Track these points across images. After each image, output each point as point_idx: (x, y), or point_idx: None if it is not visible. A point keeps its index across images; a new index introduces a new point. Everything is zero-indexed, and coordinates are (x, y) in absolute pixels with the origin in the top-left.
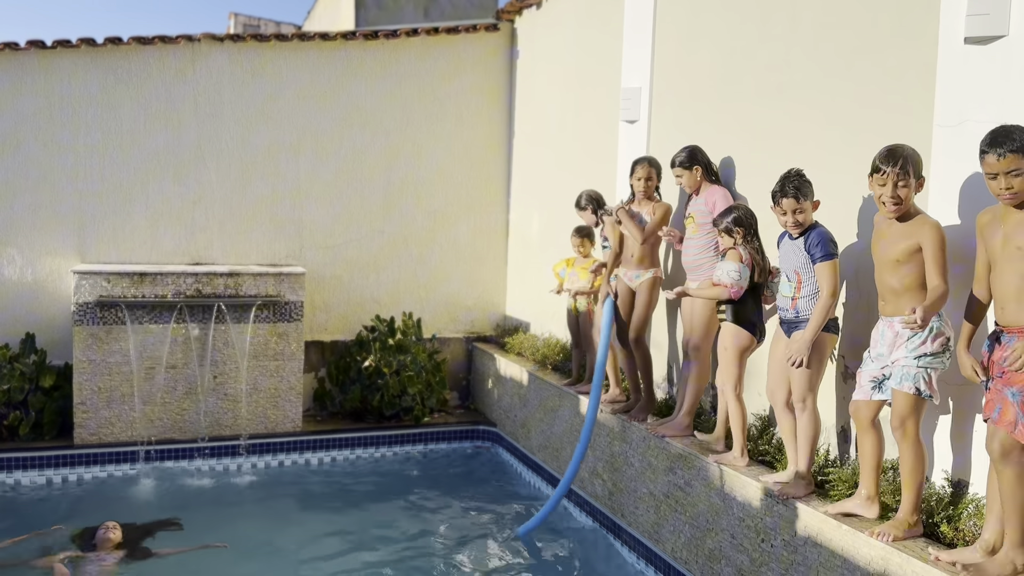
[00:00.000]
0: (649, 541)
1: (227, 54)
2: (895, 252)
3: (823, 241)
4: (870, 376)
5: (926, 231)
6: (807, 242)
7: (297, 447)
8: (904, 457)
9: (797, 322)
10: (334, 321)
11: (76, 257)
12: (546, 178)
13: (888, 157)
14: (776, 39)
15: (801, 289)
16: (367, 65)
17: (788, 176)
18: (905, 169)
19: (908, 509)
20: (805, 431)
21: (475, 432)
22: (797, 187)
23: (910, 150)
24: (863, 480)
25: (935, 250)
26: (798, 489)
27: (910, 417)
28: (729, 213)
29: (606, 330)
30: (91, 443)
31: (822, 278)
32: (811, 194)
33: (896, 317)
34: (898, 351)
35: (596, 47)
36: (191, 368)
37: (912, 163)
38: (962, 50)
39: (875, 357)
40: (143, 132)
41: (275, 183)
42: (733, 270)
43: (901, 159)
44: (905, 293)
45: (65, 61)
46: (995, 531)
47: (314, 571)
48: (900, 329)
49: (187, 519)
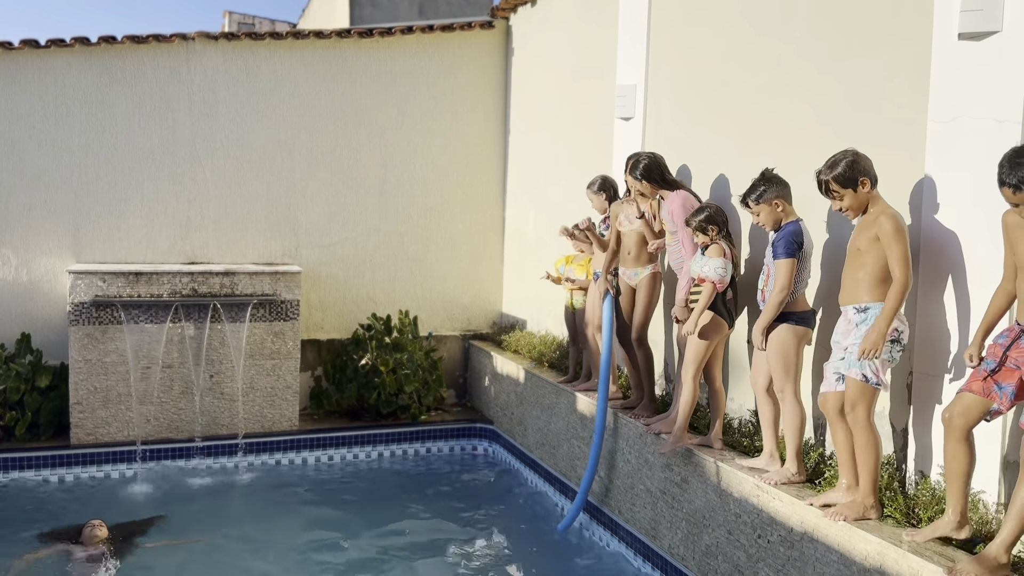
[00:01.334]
0: (646, 538)
1: (222, 52)
2: (857, 242)
3: (786, 240)
4: (834, 368)
5: (882, 221)
6: (775, 240)
7: (294, 446)
8: (857, 442)
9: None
10: (330, 320)
11: (71, 257)
12: (542, 175)
13: (819, 181)
14: (770, 35)
15: (769, 282)
16: (362, 63)
17: (754, 184)
18: (831, 188)
19: (864, 491)
20: (789, 421)
21: (472, 430)
22: (759, 196)
23: (843, 164)
24: (841, 471)
25: (889, 239)
26: (783, 476)
27: (860, 403)
28: (701, 212)
29: (608, 329)
30: (88, 443)
31: (777, 274)
32: (771, 196)
33: (848, 306)
34: (849, 339)
35: (591, 44)
36: (187, 367)
37: (841, 178)
38: (956, 46)
39: (834, 346)
40: (138, 131)
41: (270, 182)
42: (719, 266)
43: (826, 182)
44: (863, 282)
45: (59, 60)
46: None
47: (311, 569)
48: (852, 316)
49: (184, 518)
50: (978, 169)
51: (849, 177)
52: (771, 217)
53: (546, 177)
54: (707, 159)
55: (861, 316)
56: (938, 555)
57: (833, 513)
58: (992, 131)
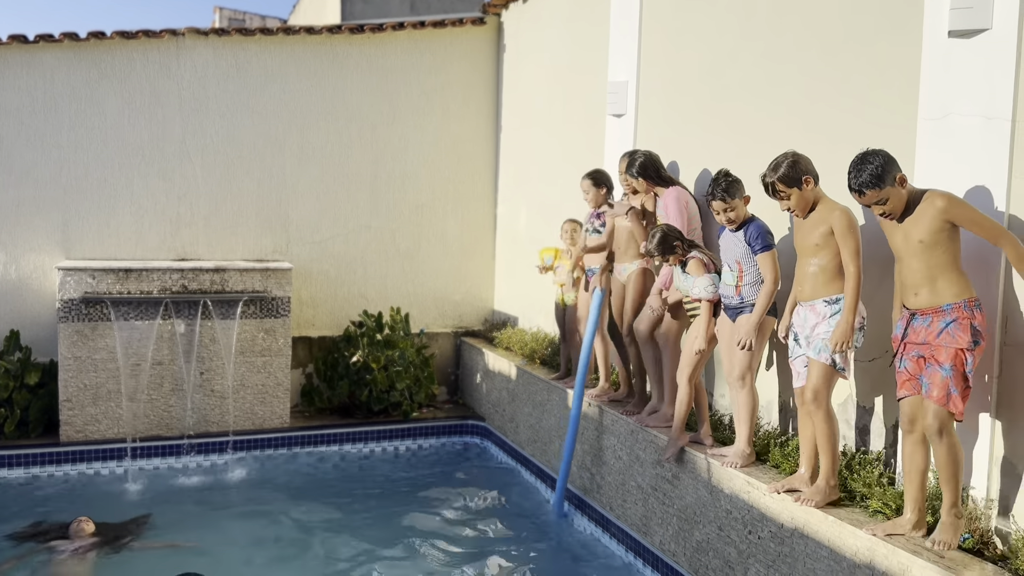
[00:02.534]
0: (637, 534)
1: (212, 48)
2: (812, 239)
3: (761, 234)
4: (804, 362)
5: (835, 216)
6: (747, 235)
7: (285, 443)
8: (819, 427)
9: (742, 307)
10: (321, 316)
11: (60, 253)
12: (534, 172)
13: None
14: (761, 32)
15: (743, 277)
16: (353, 59)
17: (716, 179)
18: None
19: (826, 475)
20: (745, 407)
21: (464, 427)
22: (724, 189)
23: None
24: (803, 459)
25: (845, 234)
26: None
27: (823, 388)
28: (652, 239)
29: (593, 320)
30: (77, 440)
31: (764, 268)
32: (739, 192)
33: (817, 300)
34: (820, 328)
35: (583, 41)
36: (177, 365)
37: (786, 178)
38: (946, 44)
39: (803, 342)
40: (127, 127)
41: (261, 178)
42: (708, 284)
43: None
44: (825, 276)
45: (48, 56)
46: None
47: (302, 567)
48: (822, 309)
49: (174, 516)
50: (968, 166)
51: (793, 177)
52: (740, 212)
53: (538, 174)
54: (699, 155)
55: (833, 308)
56: (927, 550)
57: (804, 499)
58: (982, 128)
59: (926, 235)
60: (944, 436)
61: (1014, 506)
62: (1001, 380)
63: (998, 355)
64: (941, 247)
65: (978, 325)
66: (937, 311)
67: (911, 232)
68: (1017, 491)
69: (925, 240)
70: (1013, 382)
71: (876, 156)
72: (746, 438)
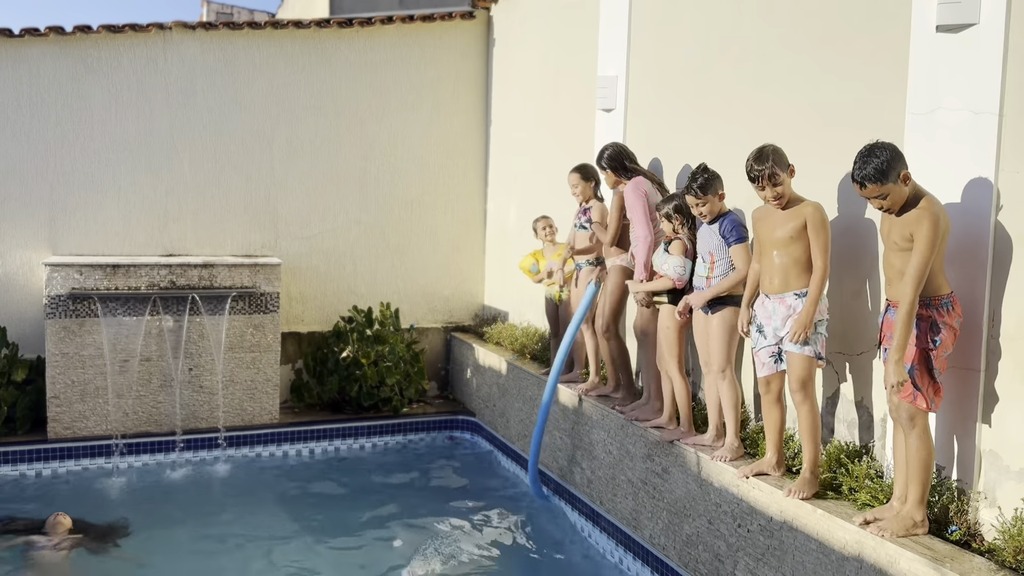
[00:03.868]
0: (627, 528)
1: (199, 42)
2: (785, 231)
3: (735, 227)
4: (770, 352)
5: (810, 212)
6: (721, 228)
7: (274, 439)
8: (803, 418)
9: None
10: (311, 312)
11: (47, 249)
12: (524, 167)
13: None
14: (750, 26)
15: (714, 268)
16: (342, 53)
17: (694, 175)
18: (773, 172)
19: (809, 466)
20: (727, 399)
21: (454, 422)
22: (700, 186)
23: (770, 152)
24: (770, 445)
25: (818, 230)
26: (732, 454)
27: (809, 379)
28: (671, 200)
29: (580, 311)
30: (65, 437)
31: (737, 258)
32: (714, 189)
33: (787, 293)
34: (792, 321)
35: (572, 35)
36: (166, 361)
37: (776, 163)
38: (934, 38)
39: (769, 334)
40: (114, 122)
41: (249, 173)
42: (679, 265)
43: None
44: (796, 269)
45: (33, 50)
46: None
47: (292, 564)
48: (792, 302)
49: (163, 513)
50: (955, 160)
51: (784, 163)
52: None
53: (528, 169)
54: (688, 148)
55: (804, 300)
56: (914, 543)
57: (792, 491)
58: (969, 122)
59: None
60: (914, 427)
61: (1001, 498)
62: (987, 373)
63: (985, 349)
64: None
65: (941, 323)
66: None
67: (902, 231)
68: (1004, 484)
69: (899, 243)
70: (1000, 376)
71: (883, 151)
72: (733, 431)
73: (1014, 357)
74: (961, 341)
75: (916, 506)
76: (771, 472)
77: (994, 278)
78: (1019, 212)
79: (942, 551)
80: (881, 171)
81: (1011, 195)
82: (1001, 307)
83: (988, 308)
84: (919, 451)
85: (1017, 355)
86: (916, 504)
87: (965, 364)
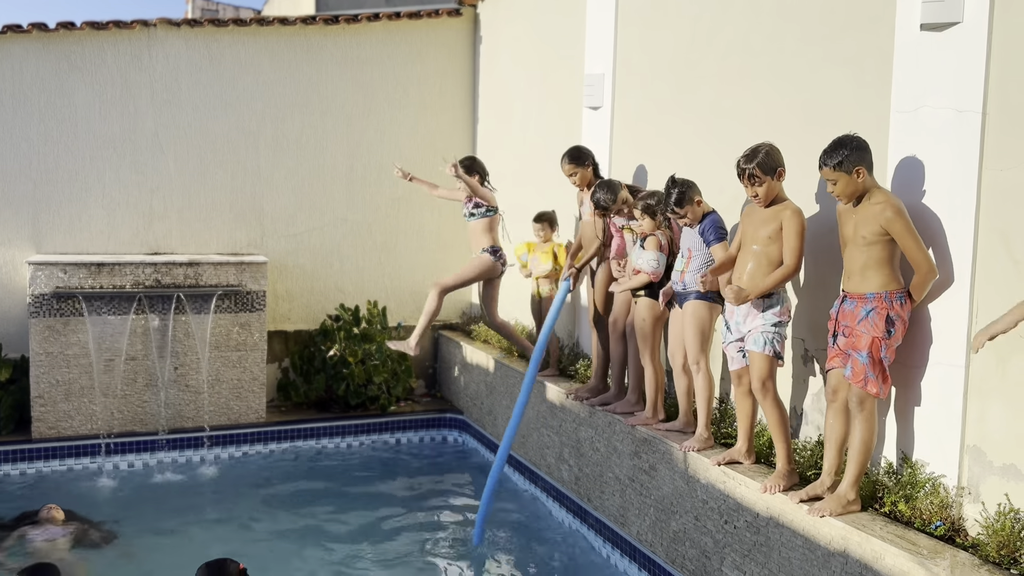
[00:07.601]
0: (615, 525)
1: (184, 39)
2: (765, 231)
3: (715, 227)
4: (737, 348)
5: (787, 215)
6: (702, 228)
7: (261, 438)
8: (769, 415)
9: (685, 294)
10: (297, 310)
11: (31, 248)
12: (510, 165)
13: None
14: (736, 24)
15: (690, 264)
16: (328, 50)
17: (667, 191)
18: (752, 172)
19: (783, 460)
20: (701, 391)
21: (442, 420)
22: (675, 202)
23: (761, 151)
24: (741, 434)
25: (792, 233)
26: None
27: (769, 377)
28: (651, 196)
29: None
30: (50, 437)
31: (717, 257)
32: (689, 199)
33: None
34: (753, 320)
35: (559, 32)
36: (151, 360)
37: (762, 164)
38: (918, 36)
39: (734, 329)
40: (98, 119)
41: (235, 171)
42: (652, 259)
43: (748, 167)
44: (766, 268)
45: (16, 47)
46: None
47: (279, 562)
48: (757, 301)
49: (149, 513)
50: (940, 158)
51: (770, 165)
52: (693, 214)
53: (515, 167)
54: (675, 146)
55: (768, 301)
56: (899, 538)
57: (769, 486)
58: (953, 120)
59: (869, 234)
60: (862, 411)
61: (984, 494)
62: (970, 368)
63: (967, 345)
64: (880, 245)
65: (894, 316)
66: (862, 298)
67: (859, 227)
68: (987, 479)
69: (867, 238)
70: (982, 370)
71: (850, 142)
72: (704, 422)
73: (996, 353)
74: (944, 337)
75: (851, 486)
76: (742, 460)
77: (974, 274)
78: (1001, 209)
79: (927, 546)
80: (838, 162)
81: (994, 192)
82: (983, 304)
83: (971, 304)
84: (863, 433)
85: (999, 351)
86: (851, 484)
87: (948, 360)
